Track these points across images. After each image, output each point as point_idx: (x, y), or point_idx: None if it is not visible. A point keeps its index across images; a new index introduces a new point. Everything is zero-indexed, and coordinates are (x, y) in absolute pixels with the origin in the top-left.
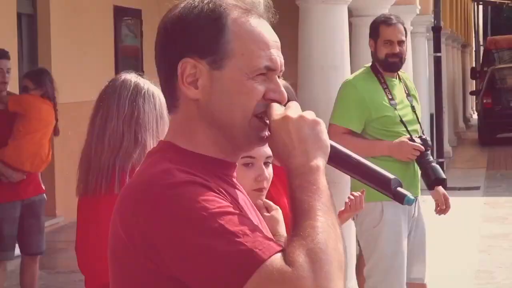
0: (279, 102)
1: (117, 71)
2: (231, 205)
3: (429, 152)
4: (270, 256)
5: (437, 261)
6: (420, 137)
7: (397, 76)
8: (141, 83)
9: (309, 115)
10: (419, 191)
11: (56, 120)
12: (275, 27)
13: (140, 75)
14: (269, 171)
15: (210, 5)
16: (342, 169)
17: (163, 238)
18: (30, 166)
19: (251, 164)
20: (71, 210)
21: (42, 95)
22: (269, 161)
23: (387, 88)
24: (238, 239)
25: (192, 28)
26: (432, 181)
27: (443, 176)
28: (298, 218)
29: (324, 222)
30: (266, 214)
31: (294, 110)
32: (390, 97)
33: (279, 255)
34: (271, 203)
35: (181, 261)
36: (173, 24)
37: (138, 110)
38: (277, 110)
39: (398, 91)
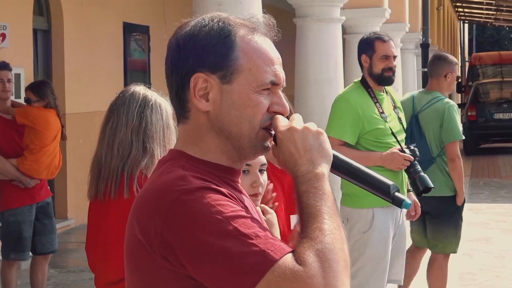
0: (282, 114)
1: (126, 83)
2: (243, 209)
3: (417, 162)
4: (281, 257)
5: (423, 263)
6: (408, 147)
7: (384, 90)
8: (149, 95)
9: (313, 126)
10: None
11: (62, 126)
12: (274, 43)
13: (148, 87)
14: (263, 178)
15: (220, 23)
16: (344, 176)
17: (180, 239)
18: (46, 175)
19: (247, 171)
20: (82, 213)
21: (45, 106)
22: (264, 168)
23: (377, 102)
24: (251, 241)
25: (204, 45)
26: (421, 191)
27: (431, 185)
28: (306, 221)
29: (330, 225)
30: (262, 217)
31: (298, 121)
32: (381, 110)
33: (290, 255)
34: (266, 207)
35: (197, 261)
36: (185, 40)
37: (146, 121)
38: (282, 122)
39: (387, 104)
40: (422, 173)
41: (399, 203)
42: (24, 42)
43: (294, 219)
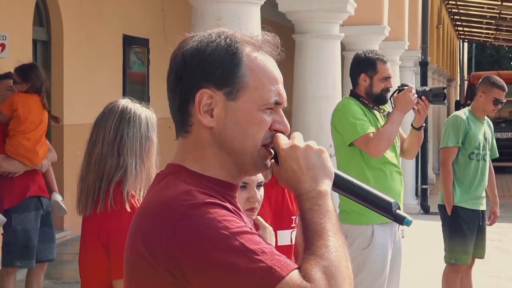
0: (283, 133)
1: (125, 95)
2: (247, 225)
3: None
4: (288, 273)
5: (423, 282)
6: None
7: None
8: (128, 107)
9: (314, 144)
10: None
11: (48, 111)
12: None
13: (131, 99)
14: (260, 193)
15: (227, 40)
16: (345, 193)
17: (186, 254)
18: (26, 161)
19: (244, 186)
20: (78, 224)
21: (28, 90)
22: (261, 184)
23: (372, 108)
24: (257, 257)
25: (211, 61)
26: (443, 92)
27: (442, 86)
28: (311, 238)
29: (335, 242)
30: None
31: (300, 139)
32: (376, 117)
33: (296, 271)
34: (261, 221)
35: (203, 276)
36: (192, 55)
37: (121, 135)
38: (284, 140)
39: (377, 114)
40: (427, 88)
41: (400, 220)
42: (23, 53)
43: (281, 235)
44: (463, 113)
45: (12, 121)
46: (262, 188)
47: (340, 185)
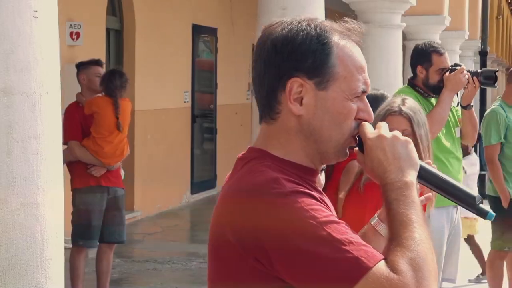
0: (367, 121)
1: (194, 82)
2: (333, 214)
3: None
4: (375, 264)
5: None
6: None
7: None
8: None
9: (400, 135)
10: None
11: (116, 117)
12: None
13: None
14: (322, 177)
15: (317, 29)
16: (430, 186)
17: (274, 243)
18: (104, 161)
19: None
20: (148, 206)
21: (105, 93)
22: (324, 169)
23: (428, 96)
24: (344, 247)
25: (303, 50)
26: (494, 74)
27: (494, 69)
28: (397, 229)
29: (421, 234)
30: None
31: (385, 129)
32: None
33: (383, 262)
34: None
35: (291, 266)
36: (283, 43)
37: None
38: (370, 129)
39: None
40: (479, 70)
41: (483, 214)
42: (97, 41)
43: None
44: (499, 106)
45: (93, 123)
46: (323, 173)
47: (425, 177)
